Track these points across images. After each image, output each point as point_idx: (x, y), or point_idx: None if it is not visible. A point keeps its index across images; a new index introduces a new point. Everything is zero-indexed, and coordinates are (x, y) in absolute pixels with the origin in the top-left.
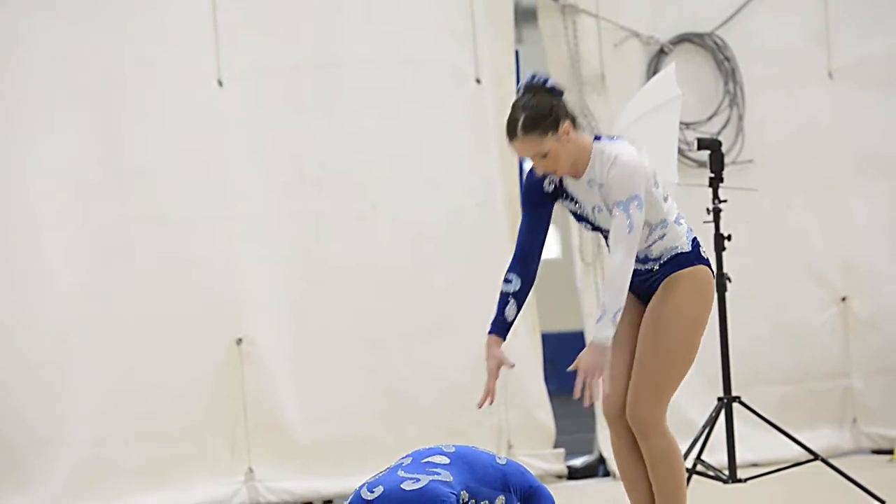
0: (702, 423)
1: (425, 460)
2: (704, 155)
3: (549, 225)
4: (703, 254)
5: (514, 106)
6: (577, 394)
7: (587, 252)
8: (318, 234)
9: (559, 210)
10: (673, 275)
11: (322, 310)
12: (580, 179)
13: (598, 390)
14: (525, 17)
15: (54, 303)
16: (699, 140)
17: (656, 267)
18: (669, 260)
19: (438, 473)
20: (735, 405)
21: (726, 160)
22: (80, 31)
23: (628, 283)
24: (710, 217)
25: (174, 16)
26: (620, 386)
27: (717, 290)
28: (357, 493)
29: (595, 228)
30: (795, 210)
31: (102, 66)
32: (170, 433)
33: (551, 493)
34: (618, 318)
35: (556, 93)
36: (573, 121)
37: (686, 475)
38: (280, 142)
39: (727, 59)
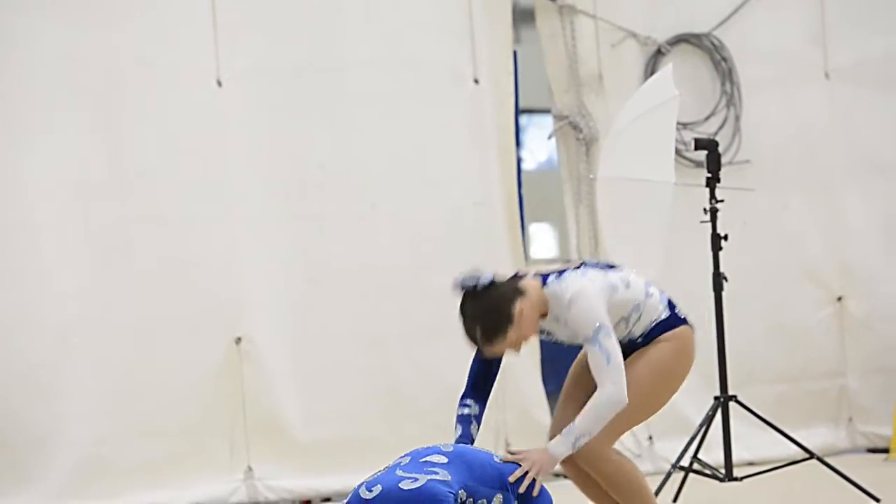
0: (698, 421)
1: (423, 459)
2: (701, 155)
3: (503, 357)
4: (680, 314)
5: (464, 316)
6: (513, 480)
7: (584, 250)
8: (318, 235)
9: (555, 212)
10: (655, 338)
11: (321, 309)
12: (546, 319)
13: (536, 486)
14: (523, 17)
15: (54, 302)
16: (696, 140)
17: (640, 340)
18: (650, 331)
19: (437, 473)
20: (731, 404)
21: (723, 160)
22: (80, 32)
23: (609, 419)
24: (707, 217)
25: (174, 16)
26: (571, 415)
27: (714, 290)
28: (356, 492)
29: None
30: (792, 210)
31: (102, 66)
32: (169, 432)
33: (549, 490)
34: (579, 445)
35: (493, 284)
36: (518, 290)
37: (643, 480)
38: (279, 142)
39: (724, 59)
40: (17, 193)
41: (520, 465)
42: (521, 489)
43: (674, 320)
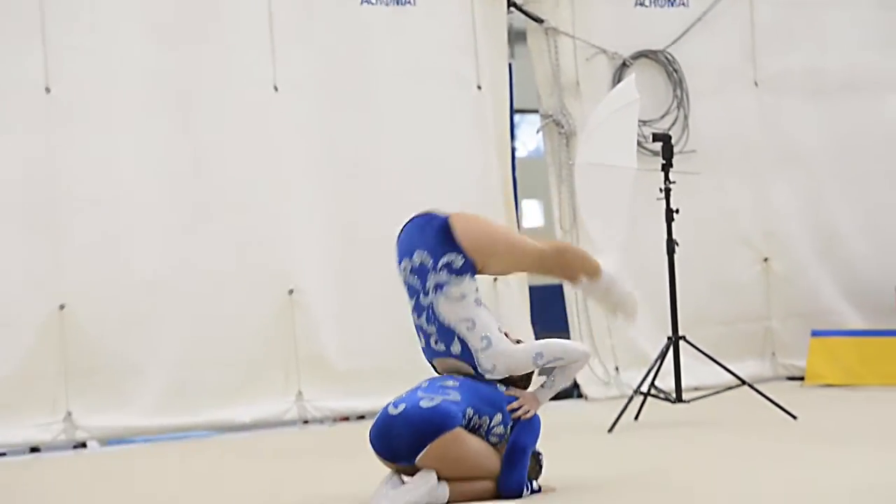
0: (654, 356)
1: (440, 384)
2: (657, 146)
3: None
4: None
5: None
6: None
7: (565, 221)
8: (354, 208)
9: (542, 191)
10: None
11: (357, 267)
12: None
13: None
14: (516, 37)
15: (145, 260)
16: (653, 134)
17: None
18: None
19: (449, 394)
20: (681, 342)
21: (675, 150)
22: (165, 51)
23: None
24: (662, 195)
25: (238, 34)
26: None
27: (667, 253)
28: (385, 409)
29: None
30: (729, 190)
31: (182, 75)
32: (237, 363)
33: (539, 415)
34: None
35: None
36: None
37: None
38: (323, 135)
39: (675, 70)
40: (114, 176)
41: (516, 399)
42: (514, 416)
43: None
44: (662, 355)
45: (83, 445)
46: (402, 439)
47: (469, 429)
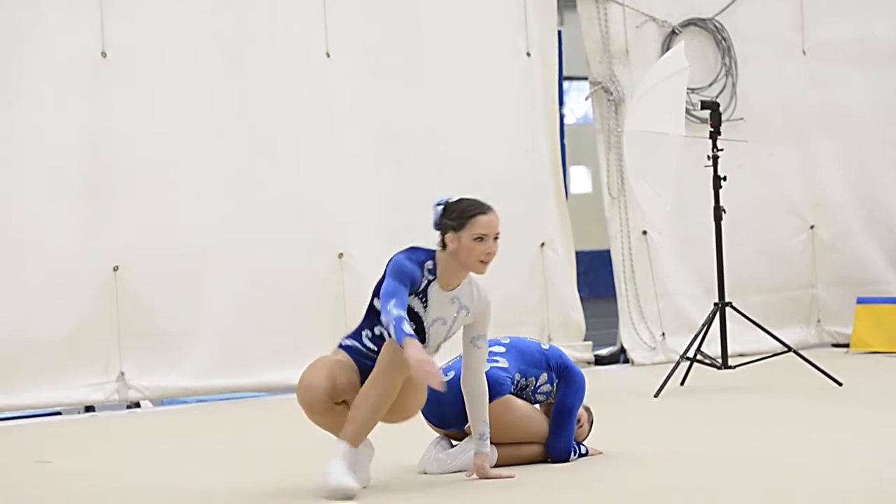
0: (701, 322)
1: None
2: (706, 114)
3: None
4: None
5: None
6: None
7: (613, 188)
8: (403, 174)
9: (590, 158)
10: None
11: (404, 231)
12: (446, 292)
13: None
14: (566, 4)
15: (197, 225)
16: (702, 102)
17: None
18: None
19: (497, 361)
20: (727, 309)
21: (723, 118)
22: (219, 17)
23: None
24: (710, 163)
25: (291, 2)
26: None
27: (714, 220)
28: None
29: (419, 330)
30: (776, 157)
31: (236, 40)
32: (287, 326)
33: (582, 372)
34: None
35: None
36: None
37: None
38: (374, 101)
39: (724, 38)
40: (168, 141)
41: (559, 352)
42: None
43: None
44: (709, 321)
45: (136, 405)
46: (451, 407)
47: (517, 390)
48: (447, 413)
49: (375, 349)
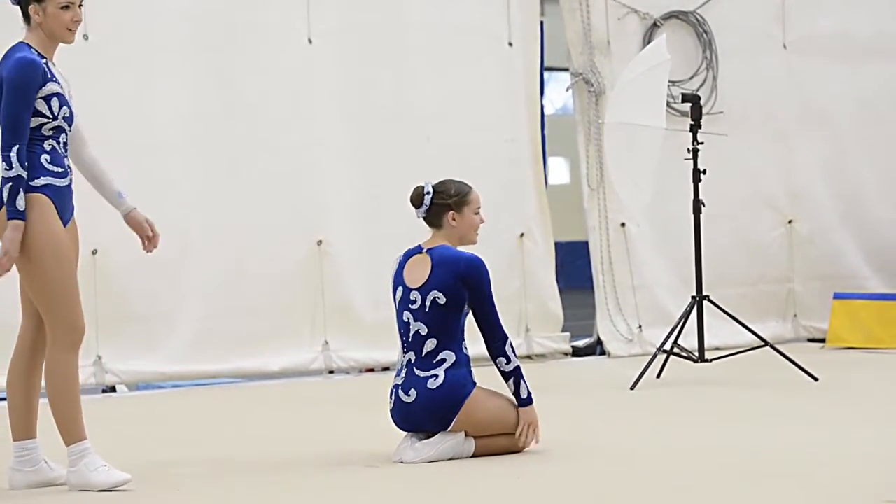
0: (678, 315)
1: (425, 352)
2: (686, 107)
3: None
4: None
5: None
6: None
7: (592, 179)
8: (383, 161)
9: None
10: None
11: (384, 218)
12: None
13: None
14: None
15: (177, 207)
16: (682, 95)
17: None
18: None
19: (444, 360)
20: (704, 302)
21: (703, 111)
22: (201, 1)
23: None
24: (690, 156)
25: None
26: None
27: (693, 213)
28: (396, 395)
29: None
30: (755, 151)
31: (217, 25)
32: (264, 312)
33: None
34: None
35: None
36: None
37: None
38: (355, 88)
39: (705, 32)
40: (148, 124)
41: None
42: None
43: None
44: (686, 314)
45: (112, 389)
46: (426, 422)
47: None
48: (425, 426)
49: None
